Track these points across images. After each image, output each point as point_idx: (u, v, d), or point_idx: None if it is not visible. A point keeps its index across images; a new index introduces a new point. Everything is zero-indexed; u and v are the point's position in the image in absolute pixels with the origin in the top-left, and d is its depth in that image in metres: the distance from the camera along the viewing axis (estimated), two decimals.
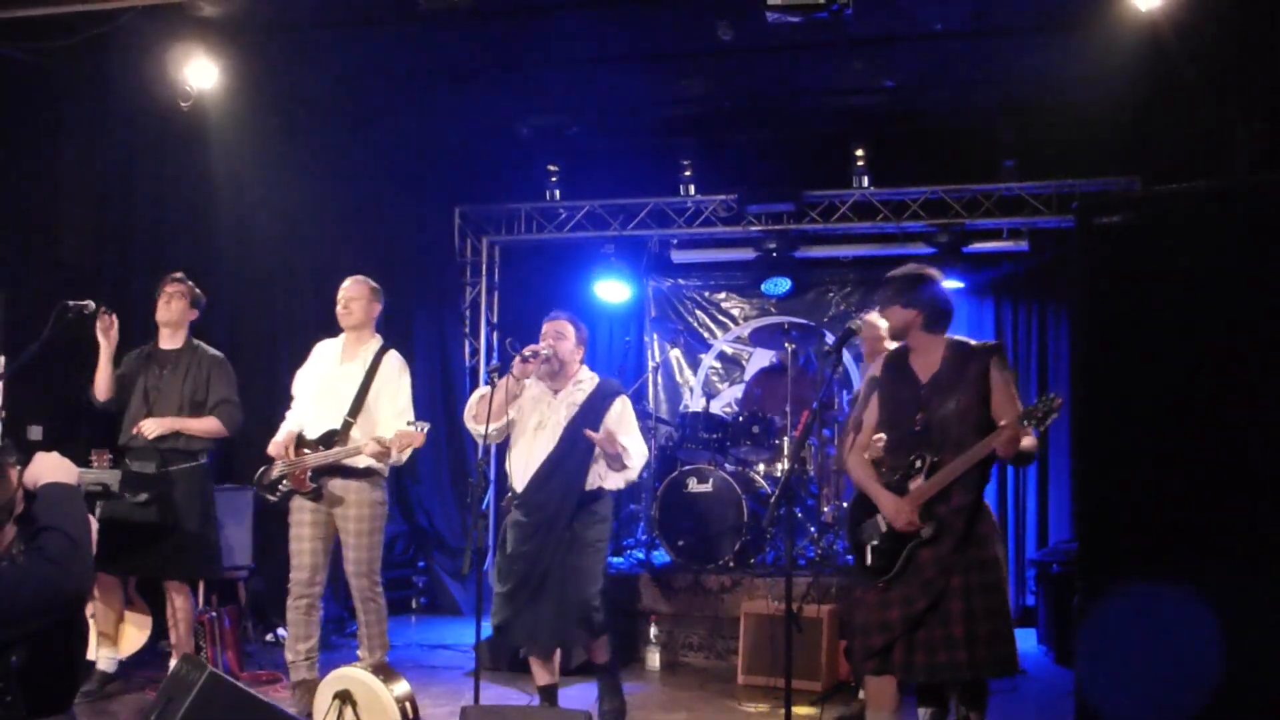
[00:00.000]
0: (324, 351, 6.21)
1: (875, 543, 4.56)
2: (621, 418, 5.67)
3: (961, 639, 4.35)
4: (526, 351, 5.55)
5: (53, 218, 7.42)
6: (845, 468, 4.85)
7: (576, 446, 5.55)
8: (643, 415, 7.08)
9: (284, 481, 5.89)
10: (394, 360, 6.10)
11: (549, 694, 5.65)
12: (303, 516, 5.92)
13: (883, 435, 4.71)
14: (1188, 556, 3.30)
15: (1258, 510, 3.20)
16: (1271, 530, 3.16)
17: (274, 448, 5.93)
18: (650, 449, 7.18)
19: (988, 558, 4.44)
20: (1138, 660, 3.26)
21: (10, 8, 6.35)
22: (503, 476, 10.31)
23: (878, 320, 5.71)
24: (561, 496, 5.52)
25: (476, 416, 5.61)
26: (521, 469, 5.62)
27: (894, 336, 4.74)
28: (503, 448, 5.94)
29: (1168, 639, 3.18)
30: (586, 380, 5.74)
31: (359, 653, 6.05)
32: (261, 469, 6.01)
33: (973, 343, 4.65)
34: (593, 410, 5.61)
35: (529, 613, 5.48)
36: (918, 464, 4.47)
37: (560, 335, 5.69)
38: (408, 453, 5.76)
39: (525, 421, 5.67)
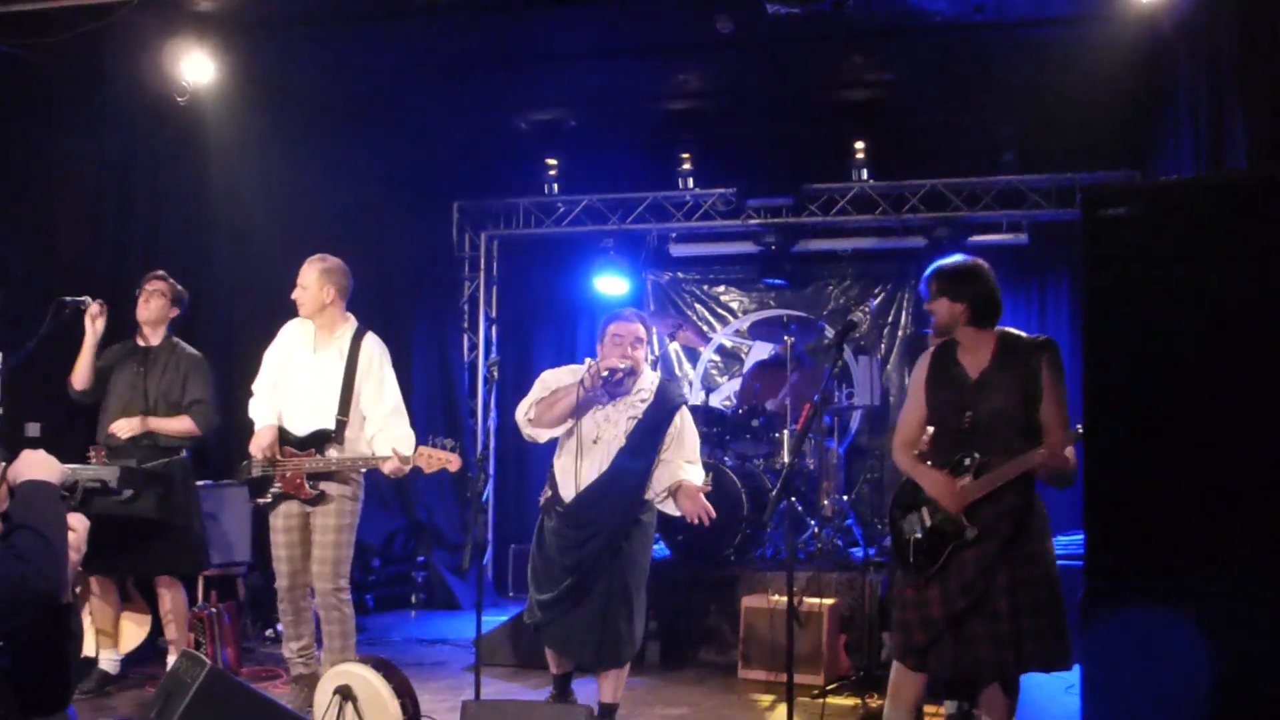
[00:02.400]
0: (294, 334, 5.89)
1: (917, 536, 4.47)
2: (682, 437, 5.34)
3: (1009, 635, 4.29)
4: (605, 371, 5.11)
5: (49, 213, 7.40)
6: (895, 461, 4.69)
7: (634, 465, 5.25)
8: None
9: (274, 485, 5.68)
10: (373, 346, 5.78)
11: (563, 682, 5.52)
12: (276, 522, 5.72)
13: (930, 429, 4.62)
14: (1199, 560, 3.27)
15: (1271, 510, 3.17)
16: None
17: (258, 450, 5.65)
18: None
19: (1035, 552, 4.37)
20: (1146, 669, 3.23)
21: (5, 2, 6.33)
22: (503, 472, 10.38)
23: None
24: (614, 514, 5.23)
25: (535, 420, 5.31)
26: (572, 479, 5.30)
27: (940, 331, 4.62)
28: (506, 443, 5.79)
29: (1177, 647, 3.15)
30: (648, 387, 5.34)
31: (323, 667, 5.62)
32: (243, 464, 5.80)
33: (1024, 337, 4.53)
34: (653, 425, 5.26)
35: (564, 624, 5.29)
36: (965, 462, 4.36)
37: (639, 343, 5.24)
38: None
39: (581, 432, 5.29)
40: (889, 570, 6.36)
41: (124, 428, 6.08)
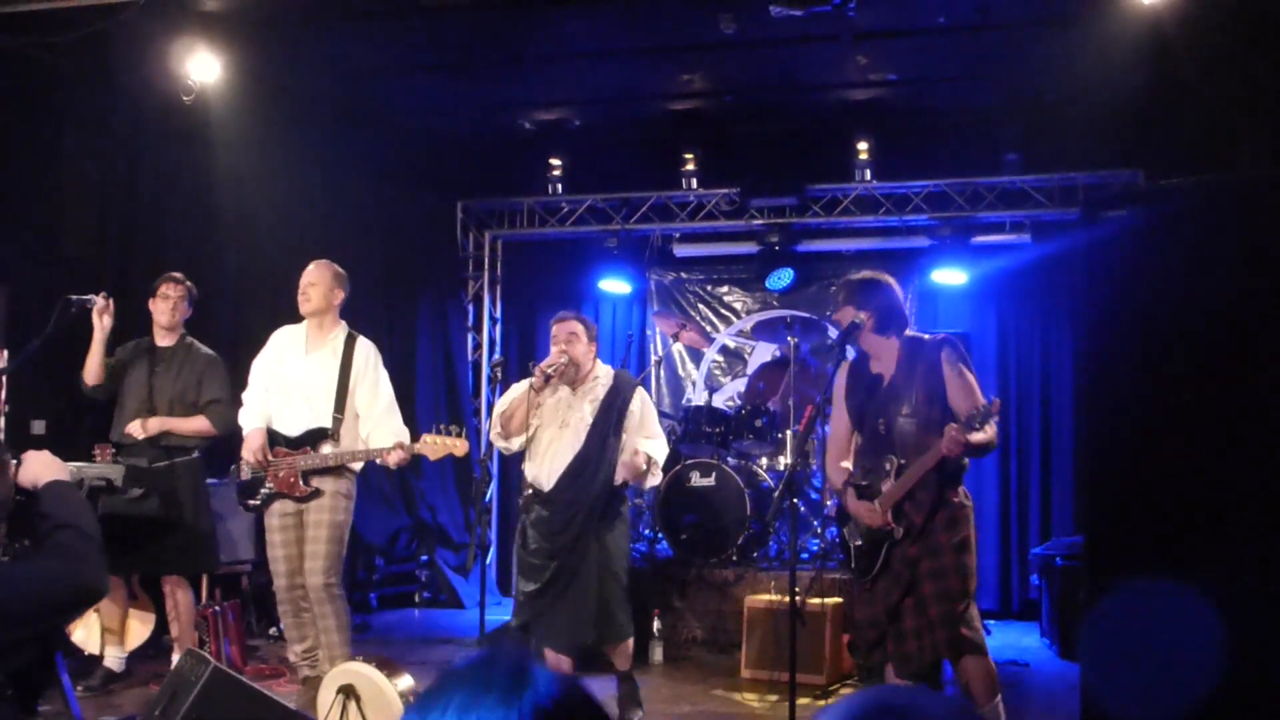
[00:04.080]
0: (285, 340, 5.94)
1: (858, 543, 4.73)
2: (643, 417, 5.70)
3: (936, 619, 4.50)
4: (547, 367, 5.51)
5: (55, 212, 7.43)
6: (826, 475, 4.99)
7: (605, 444, 5.57)
8: None
9: (265, 485, 5.70)
10: (366, 348, 5.86)
11: None
12: (271, 521, 5.74)
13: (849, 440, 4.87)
14: (1195, 553, 3.30)
15: (1265, 505, 3.19)
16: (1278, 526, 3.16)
17: (250, 455, 5.69)
18: None
19: (957, 540, 4.55)
20: (1145, 658, 3.26)
21: (13, 2, 6.35)
22: (506, 471, 10.38)
23: None
24: (590, 495, 5.52)
25: (503, 434, 5.65)
26: (547, 468, 5.60)
27: (849, 342, 4.84)
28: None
29: (1175, 637, 3.17)
30: (604, 375, 5.72)
31: (322, 668, 5.61)
32: (231, 468, 5.83)
33: (925, 337, 4.76)
34: (614, 406, 5.62)
35: (555, 613, 5.48)
36: (886, 467, 4.60)
37: (573, 337, 5.62)
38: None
39: (548, 423, 5.63)
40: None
41: (138, 429, 6.10)
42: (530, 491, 5.65)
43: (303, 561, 5.68)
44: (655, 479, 5.78)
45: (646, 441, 5.68)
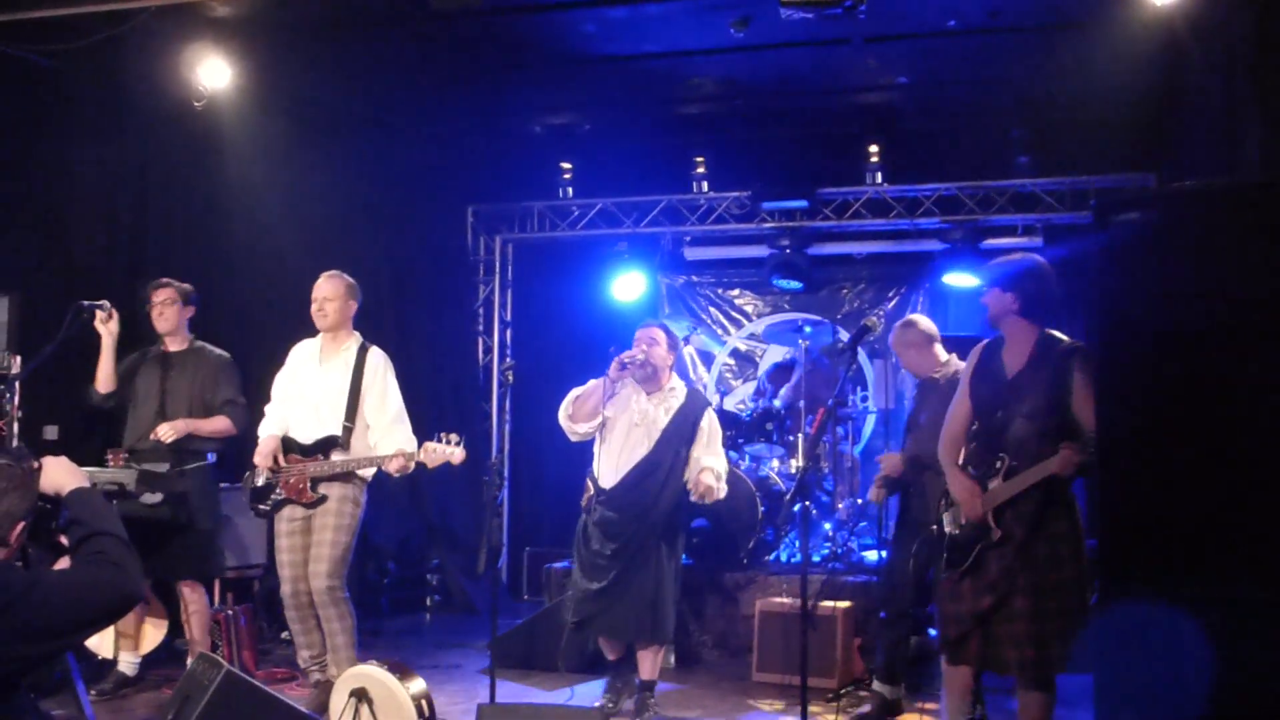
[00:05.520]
0: (302, 353, 6.05)
1: (955, 531, 4.56)
2: (710, 434, 5.95)
3: (1026, 636, 4.35)
4: (625, 357, 5.76)
5: (65, 218, 7.44)
6: (938, 456, 4.73)
7: (677, 454, 5.84)
8: None
9: (276, 491, 5.75)
10: (378, 358, 5.90)
11: (619, 668, 6.09)
12: (280, 527, 5.79)
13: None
14: (1208, 561, 3.28)
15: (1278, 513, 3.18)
16: None
17: (261, 459, 5.78)
18: None
19: (1062, 555, 4.39)
20: (1158, 667, 3.24)
21: (23, 9, 6.37)
22: (518, 475, 10.39)
23: (916, 320, 5.73)
24: (654, 498, 5.79)
25: (573, 416, 5.89)
26: (613, 467, 5.86)
27: (991, 324, 4.67)
28: (521, 447, 5.94)
29: (1188, 646, 3.16)
30: (679, 388, 6.01)
31: (329, 672, 5.73)
32: (246, 474, 5.88)
33: (1063, 340, 4.55)
34: (686, 420, 5.90)
35: (614, 609, 5.77)
36: (997, 465, 4.43)
37: (654, 342, 5.92)
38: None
39: (619, 419, 5.89)
40: (884, 574, 6.47)
41: (168, 431, 6.10)
42: (593, 490, 5.89)
43: (307, 566, 5.71)
44: (722, 492, 5.93)
45: (711, 458, 5.89)
